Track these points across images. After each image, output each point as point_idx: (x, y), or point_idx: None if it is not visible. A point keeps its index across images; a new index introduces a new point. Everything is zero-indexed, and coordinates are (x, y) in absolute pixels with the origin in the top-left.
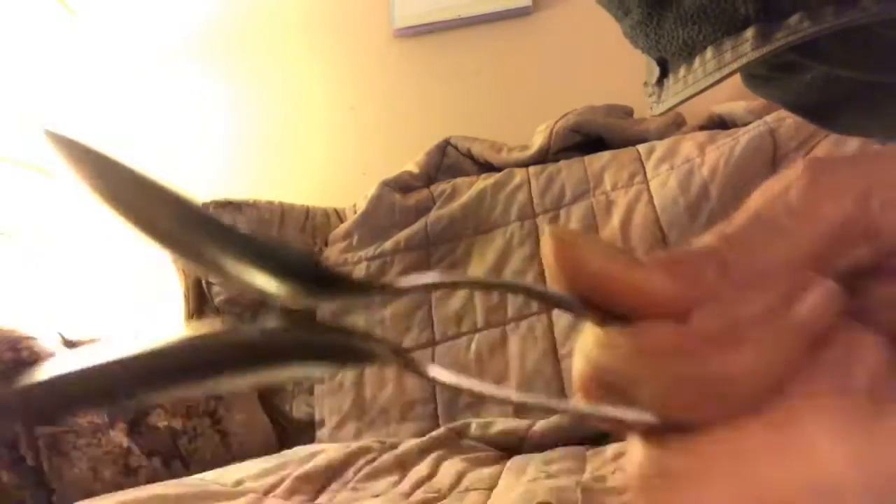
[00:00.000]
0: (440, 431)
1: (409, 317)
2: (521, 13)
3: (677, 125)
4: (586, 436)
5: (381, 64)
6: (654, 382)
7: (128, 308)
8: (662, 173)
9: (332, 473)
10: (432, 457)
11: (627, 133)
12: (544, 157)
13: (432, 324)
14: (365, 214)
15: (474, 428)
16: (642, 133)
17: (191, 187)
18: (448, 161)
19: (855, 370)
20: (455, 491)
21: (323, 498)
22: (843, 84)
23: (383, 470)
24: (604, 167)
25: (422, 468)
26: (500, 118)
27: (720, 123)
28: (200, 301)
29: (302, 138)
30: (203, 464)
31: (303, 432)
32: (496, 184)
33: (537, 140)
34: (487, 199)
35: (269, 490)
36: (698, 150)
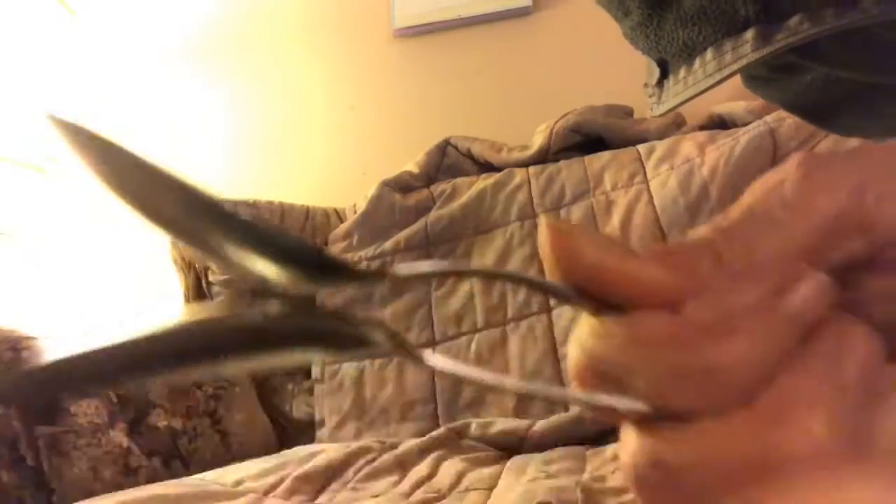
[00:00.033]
0: (440, 431)
1: (410, 316)
2: (521, 13)
3: (677, 125)
4: (586, 436)
5: (381, 64)
6: (648, 371)
7: (128, 308)
8: (662, 173)
9: (332, 473)
10: (432, 457)
11: (627, 133)
12: (544, 157)
13: (432, 323)
14: (365, 214)
15: (474, 428)
16: (642, 133)
17: None
18: (448, 161)
19: (845, 361)
20: (455, 491)
21: (323, 498)
22: (843, 85)
23: (383, 470)
24: (604, 167)
25: (422, 468)
26: (500, 118)
27: (720, 123)
28: (200, 301)
29: (302, 138)
30: (203, 464)
31: (303, 432)
32: (496, 184)
33: (537, 140)
34: (487, 199)
35: (269, 490)
36: (698, 150)
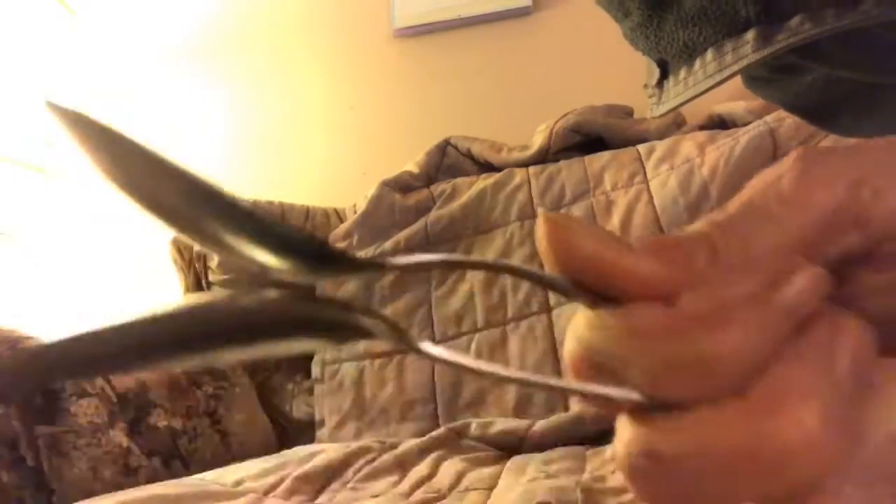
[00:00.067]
0: (440, 431)
1: (410, 316)
2: (521, 13)
3: (677, 125)
4: (586, 436)
5: (381, 64)
6: (643, 362)
7: (128, 307)
8: (662, 173)
9: (332, 473)
10: (432, 457)
11: (627, 133)
12: (544, 157)
13: (432, 323)
14: (365, 214)
15: (474, 428)
16: (642, 133)
17: None
18: (448, 161)
19: (838, 353)
20: (455, 491)
21: (323, 498)
22: (844, 85)
23: (383, 470)
24: (604, 167)
25: (422, 468)
26: (500, 118)
27: (720, 123)
28: None
29: (302, 138)
30: (203, 464)
31: (303, 432)
32: (496, 184)
33: (537, 140)
34: (487, 199)
35: (269, 490)
36: (698, 150)
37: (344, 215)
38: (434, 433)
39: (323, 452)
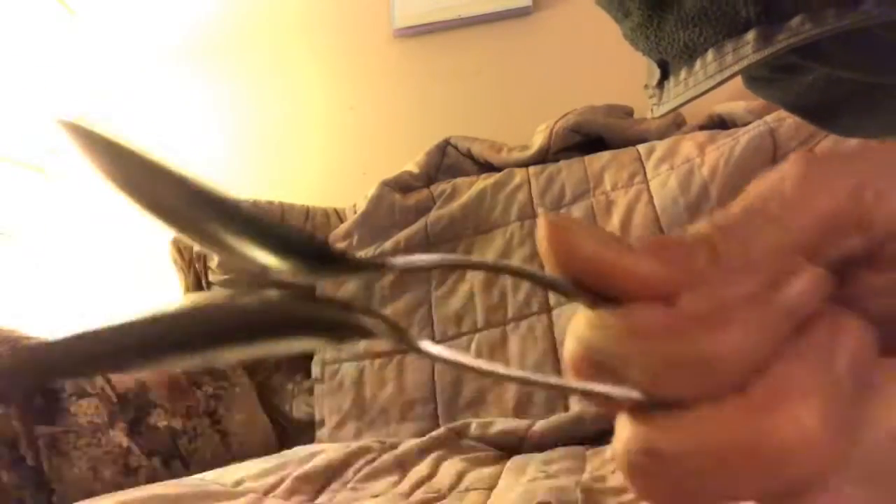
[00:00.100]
0: (440, 431)
1: (410, 316)
2: (521, 13)
3: (677, 125)
4: (586, 436)
5: (381, 64)
6: (643, 361)
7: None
8: (662, 173)
9: (332, 473)
10: (432, 457)
11: (627, 133)
12: (544, 157)
13: (432, 323)
14: (365, 214)
15: (474, 428)
16: (642, 133)
17: None
18: (448, 161)
19: (838, 353)
20: (455, 491)
21: (323, 498)
22: (844, 85)
23: (383, 470)
24: (604, 167)
25: (422, 468)
26: (500, 118)
27: (720, 123)
28: None
29: (302, 138)
30: (203, 464)
31: (303, 432)
32: (496, 184)
33: (537, 140)
34: (487, 199)
35: (269, 490)
36: (698, 150)
37: (344, 215)
38: (434, 433)
39: (323, 452)
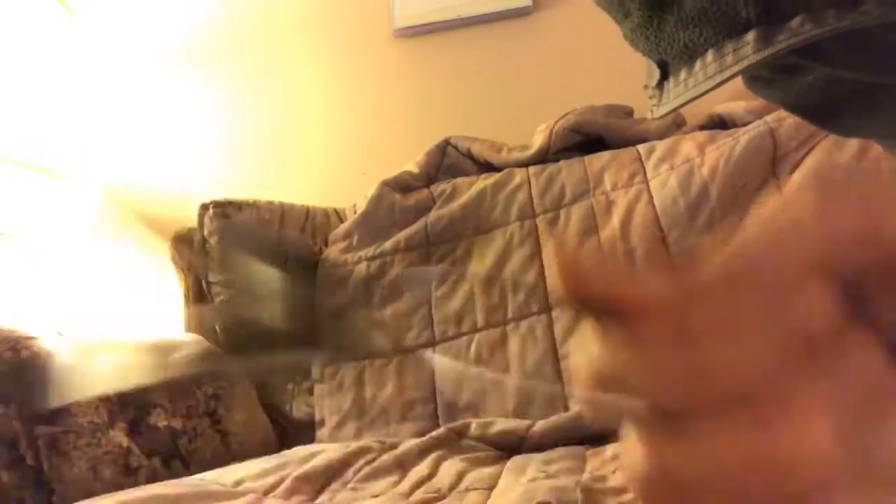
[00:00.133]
0: (440, 431)
1: (410, 316)
2: (521, 13)
3: (677, 125)
4: (586, 436)
5: (381, 64)
6: (650, 375)
7: (128, 308)
8: (662, 173)
9: (332, 473)
10: (432, 457)
11: (627, 133)
12: (544, 157)
13: (432, 323)
14: (365, 214)
15: (474, 428)
16: (642, 133)
17: (191, 187)
18: (448, 161)
19: (850, 370)
20: (455, 491)
21: (323, 498)
22: (845, 85)
23: (383, 470)
24: (604, 167)
25: (422, 468)
26: (500, 118)
27: (720, 123)
28: (200, 300)
29: (302, 138)
30: (203, 464)
31: (303, 432)
32: (496, 184)
33: (537, 140)
34: (487, 199)
35: (269, 490)
36: (698, 150)
37: (344, 215)
38: (434, 433)
39: (323, 452)
